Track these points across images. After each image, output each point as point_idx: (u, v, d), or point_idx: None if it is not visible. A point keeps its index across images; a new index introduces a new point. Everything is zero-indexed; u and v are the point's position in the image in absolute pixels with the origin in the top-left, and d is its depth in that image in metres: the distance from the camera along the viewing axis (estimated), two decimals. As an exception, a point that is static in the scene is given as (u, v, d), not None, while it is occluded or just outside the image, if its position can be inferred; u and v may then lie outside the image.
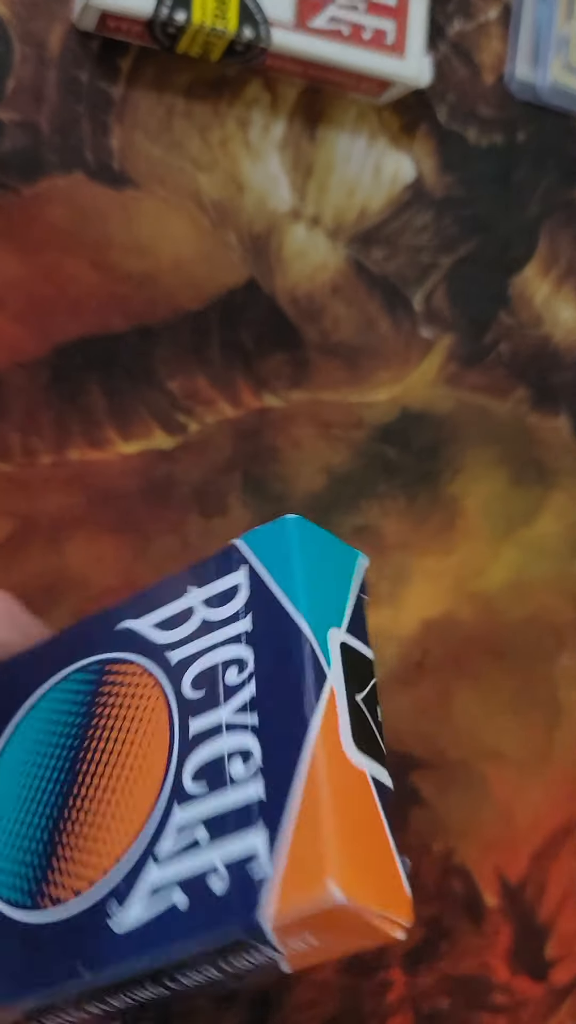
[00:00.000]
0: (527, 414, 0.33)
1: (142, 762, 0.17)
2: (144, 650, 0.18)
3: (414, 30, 0.29)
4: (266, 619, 0.17)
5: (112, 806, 0.17)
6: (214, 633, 0.18)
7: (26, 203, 0.28)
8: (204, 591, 0.18)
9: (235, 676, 0.17)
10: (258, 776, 0.16)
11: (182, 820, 0.16)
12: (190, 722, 0.17)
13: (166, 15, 0.26)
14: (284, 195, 0.30)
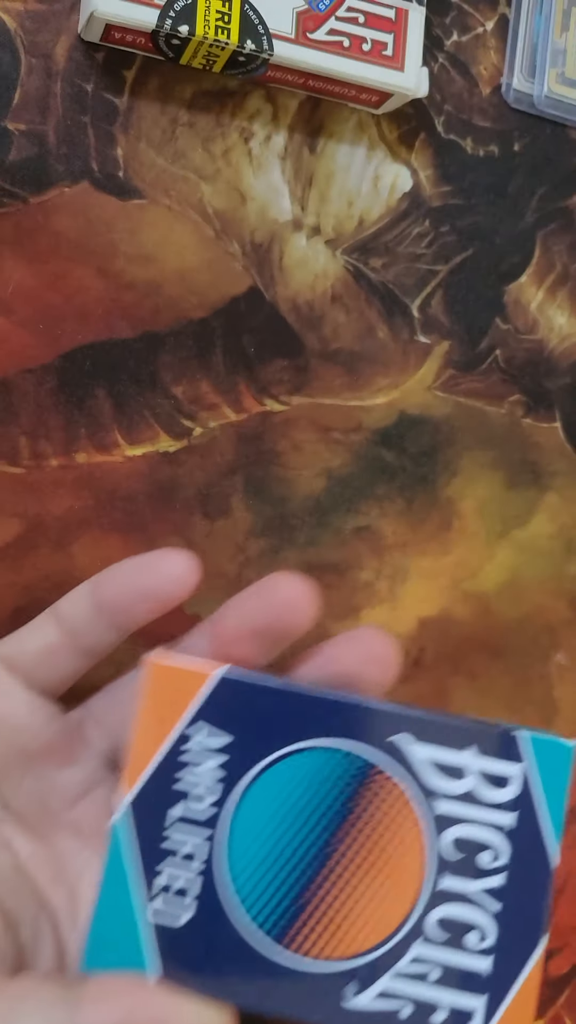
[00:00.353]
0: (522, 418, 0.34)
1: (393, 882, 0.21)
2: (413, 781, 0.21)
3: (412, 42, 0.29)
4: (527, 829, 0.21)
5: (360, 904, 0.21)
6: (482, 810, 0.21)
7: (33, 212, 0.28)
8: (482, 762, 0.21)
9: (489, 861, 0.21)
10: (490, 955, 0.21)
11: (420, 953, 0.21)
12: (441, 878, 0.21)
13: (170, 27, 0.26)
14: (285, 205, 0.31)
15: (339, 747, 0.21)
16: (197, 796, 0.21)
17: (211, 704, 0.21)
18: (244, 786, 0.21)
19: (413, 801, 0.21)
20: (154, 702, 0.21)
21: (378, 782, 0.21)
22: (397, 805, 0.21)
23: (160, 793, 0.21)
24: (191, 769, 0.21)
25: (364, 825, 0.21)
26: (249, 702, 0.21)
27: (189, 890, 0.21)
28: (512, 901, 0.21)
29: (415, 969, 0.21)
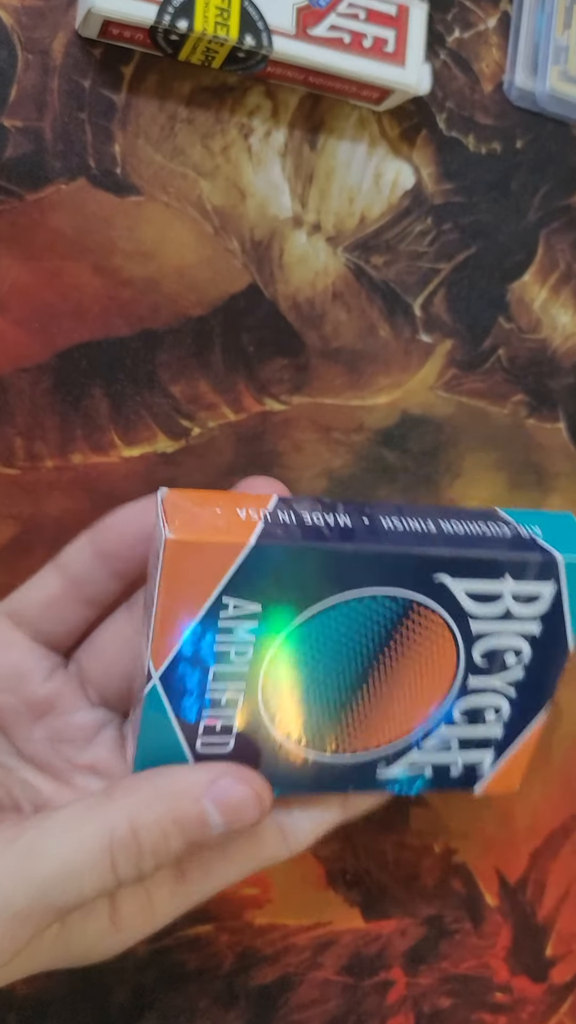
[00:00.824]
0: (525, 418, 0.34)
1: (427, 684, 0.24)
2: (452, 610, 0.23)
3: (414, 38, 0.29)
4: (550, 633, 0.24)
5: (394, 703, 0.24)
6: (513, 623, 0.24)
7: (30, 209, 0.28)
8: (517, 586, 0.23)
9: (513, 660, 0.24)
10: (501, 726, 0.25)
11: (444, 734, 0.25)
12: (470, 678, 0.24)
13: (168, 22, 0.26)
14: (285, 202, 0.30)
15: (377, 593, 0.22)
16: (233, 655, 0.22)
17: (241, 574, 0.21)
18: (281, 640, 0.22)
19: (451, 625, 0.23)
20: (178, 580, 0.20)
21: (419, 612, 0.23)
22: (435, 627, 0.23)
23: (196, 656, 0.21)
24: (226, 635, 0.21)
25: (401, 648, 0.23)
26: (282, 566, 0.21)
27: (232, 728, 0.23)
28: (527, 686, 0.24)
29: (439, 744, 0.25)
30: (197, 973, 0.31)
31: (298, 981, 0.32)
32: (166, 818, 0.21)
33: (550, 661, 0.24)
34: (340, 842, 0.33)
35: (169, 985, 0.31)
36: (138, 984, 0.31)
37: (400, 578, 0.22)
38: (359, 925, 0.33)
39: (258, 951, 0.32)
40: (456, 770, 0.25)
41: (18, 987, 0.29)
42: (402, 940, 0.34)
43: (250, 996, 0.32)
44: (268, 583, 0.21)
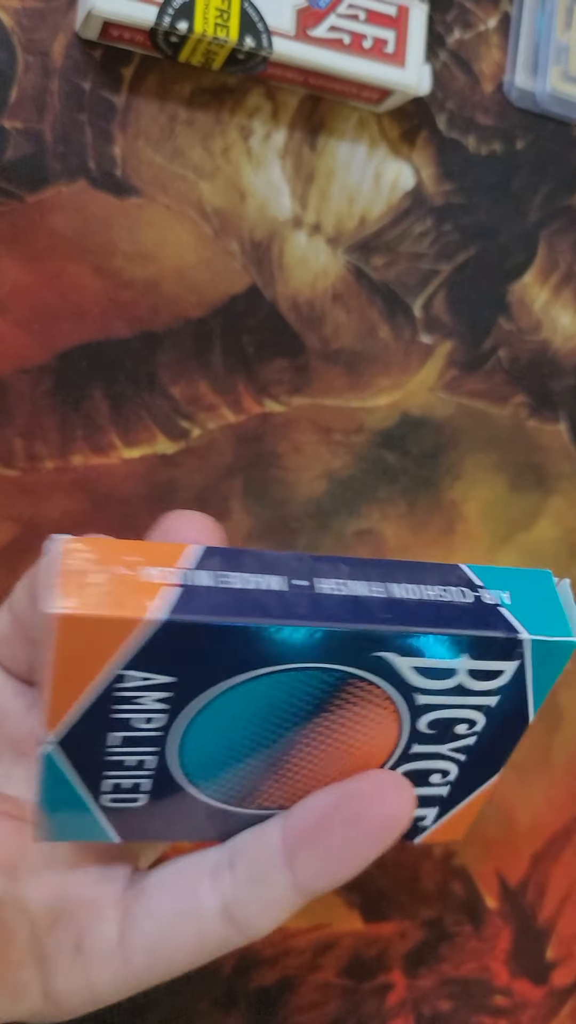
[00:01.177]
0: (526, 420, 0.33)
1: (363, 751, 0.22)
2: (395, 683, 0.20)
3: (414, 39, 0.29)
4: (508, 709, 0.22)
5: (327, 768, 0.22)
6: (466, 698, 0.21)
7: (30, 211, 0.28)
8: (474, 664, 0.20)
9: (465, 729, 0.22)
10: (448, 787, 0.23)
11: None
12: (414, 746, 0.22)
13: (168, 24, 0.26)
14: (285, 203, 0.30)
15: (309, 667, 0.20)
16: (141, 722, 0.19)
17: (146, 649, 0.18)
18: (198, 708, 0.20)
19: (393, 695, 0.21)
20: (70, 657, 0.18)
21: (357, 685, 0.20)
22: (373, 698, 0.21)
23: (95, 723, 0.19)
24: (132, 703, 0.19)
25: (337, 714, 0.21)
26: (195, 641, 0.18)
27: (141, 786, 0.20)
28: (479, 752, 0.22)
29: None
30: (197, 975, 0.31)
31: (298, 983, 0.32)
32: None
33: (507, 731, 0.22)
34: (340, 844, 0.33)
35: (169, 987, 0.31)
36: (138, 986, 0.31)
37: (336, 655, 0.19)
38: (359, 927, 0.33)
39: (258, 953, 0.32)
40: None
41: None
42: (402, 943, 0.33)
43: (250, 998, 0.32)
44: (179, 657, 0.19)
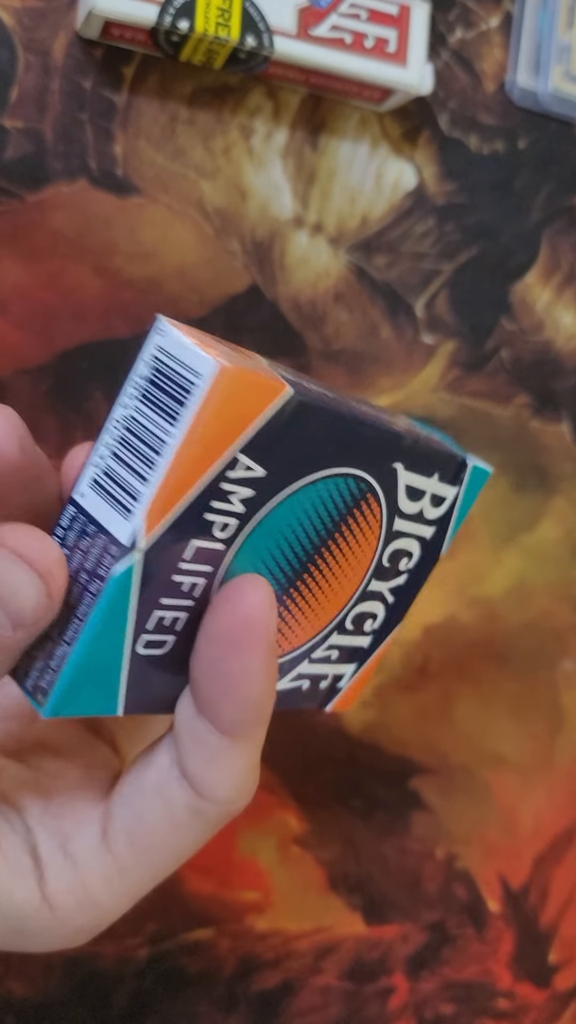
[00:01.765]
0: (528, 420, 0.33)
1: (341, 589, 0.22)
2: (390, 504, 0.22)
3: (416, 38, 0.29)
4: (437, 538, 0.24)
5: (313, 607, 0.22)
6: (420, 526, 0.23)
7: (30, 210, 0.28)
8: (433, 485, 0.23)
9: (404, 565, 0.23)
10: (372, 636, 0.24)
11: (334, 642, 0.23)
12: (372, 581, 0.23)
13: (169, 23, 0.26)
14: (286, 202, 0.30)
15: (350, 474, 0.21)
16: (217, 529, 0.19)
17: (262, 433, 0.18)
18: (259, 520, 0.19)
19: (381, 521, 0.22)
20: (213, 419, 0.17)
21: (368, 503, 0.22)
22: (371, 523, 0.22)
23: (187, 526, 0.18)
24: (222, 500, 0.18)
25: (339, 543, 0.22)
26: (302, 428, 0.19)
27: (178, 622, 0.19)
28: (403, 594, 0.24)
29: (326, 654, 0.23)
30: (197, 978, 0.31)
31: (299, 987, 0.32)
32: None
33: (425, 568, 0.24)
34: (341, 846, 0.32)
35: (169, 990, 0.31)
36: (138, 989, 0.31)
37: (370, 458, 0.21)
38: (361, 930, 0.33)
39: (259, 956, 0.32)
40: (325, 683, 0.24)
41: (17, 989, 0.29)
42: (404, 946, 0.33)
43: (251, 1001, 0.32)
44: (280, 446, 0.18)
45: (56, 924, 0.21)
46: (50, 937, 0.21)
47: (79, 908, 0.21)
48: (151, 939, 0.31)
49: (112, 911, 0.22)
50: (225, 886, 0.31)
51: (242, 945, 0.32)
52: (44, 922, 0.21)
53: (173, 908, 0.31)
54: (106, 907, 0.21)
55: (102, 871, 0.21)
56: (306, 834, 0.32)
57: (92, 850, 0.21)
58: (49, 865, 0.21)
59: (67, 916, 0.21)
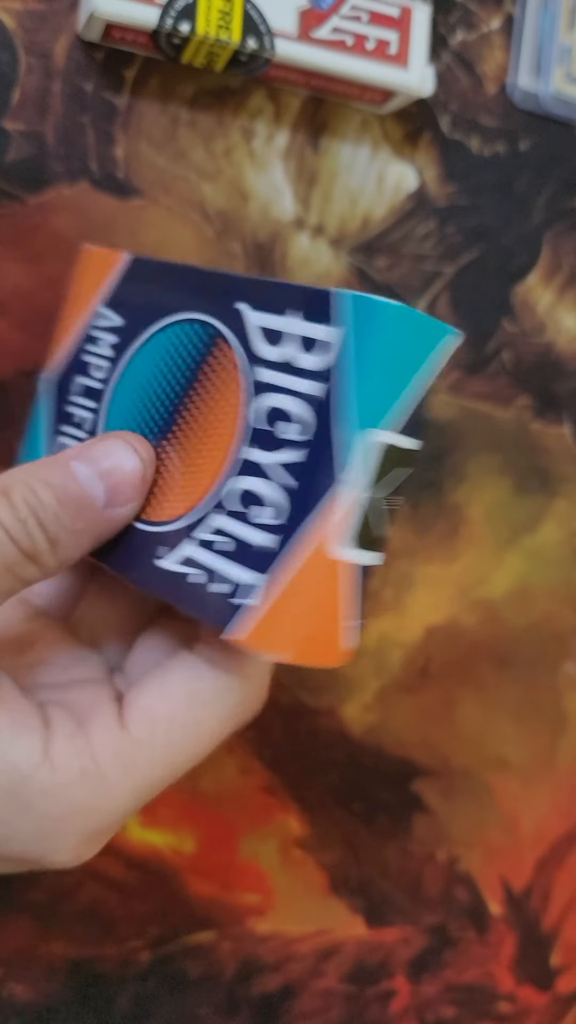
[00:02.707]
0: (530, 422, 0.33)
1: (210, 453, 0.20)
2: (245, 348, 0.20)
3: (417, 40, 0.29)
4: (335, 402, 0.18)
5: (183, 473, 0.21)
6: (292, 379, 0.19)
7: (31, 212, 0.28)
8: (300, 327, 0.19)
9: (291, 434, 0.19)
10: (276, 535, 0.19)
11: (220, 524, 0.20)
12: (244, 448, 0.20)
13: (171, 26, 0.26)
14: (288, 204, 0.30)
15: (195, 319, 0.22)
16: (93, 369, 0.24)
17: (117, 287, 0.23)
18: (125, 362, 0.23)
19: (240, 369, 0.20)
20: (79, 284, 0.24)
21: (221, 349, 0.21)
22: (228, 372, 0.20)
23: (72, 362, 0.24)
24: (93, 344, 0.24)
25: (200, 394, 0.21)
26: (143, 284, 0.23)
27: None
28: (308, 476, 0.19)
29: (213, 538, 0.20)
30: (199, 981, 0.31)
31: (300, 990, 0.32)
32: (33, 477, 0.20)
33: (333, 439, 0.18)
34: (343, 849, 0.32)
35: (171, 993, 0.31)
36: (140, 991, 0.31)
37: (211, 302, 0.21)
38: (362, 933, 0.33)
39: (260, 959, 0.32)
40: (220, 587, 0.20)
41: (19, 992, 0.29)
42: (405, 948, 0.33)
43: (252, 1005, 0.32)
44: (132, 296, 0.23)
45: (55, 793, 0.20)
46: (46, 814, 0.20)
47: (83, 777, 0.20)
48: (153, 942, 0.30)
49: (118, 798, 0.20)
50: (226, 889, 0.31)
51: (243, 948, 0.31)
52: (42, 786, 0.20)
53: (175, 911, 0.31)
54: (112, 784, 0.20)
55: (114, 743, 0.20)
56: (307, 837, 0.32)
57: (107, 727, 0.21)
58: (58, 728, 0.21)
59: (68, 783, 0.20)
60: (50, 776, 0.20)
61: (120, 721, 0.21)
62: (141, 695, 0.21)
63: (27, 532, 0.20)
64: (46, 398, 0.24)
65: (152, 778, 0.21)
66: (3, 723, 0.20)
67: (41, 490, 0.20)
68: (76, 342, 0.24)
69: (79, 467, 0.20)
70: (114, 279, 0.23)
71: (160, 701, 0.21)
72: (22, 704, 0.21)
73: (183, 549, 0.20)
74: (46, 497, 0.20)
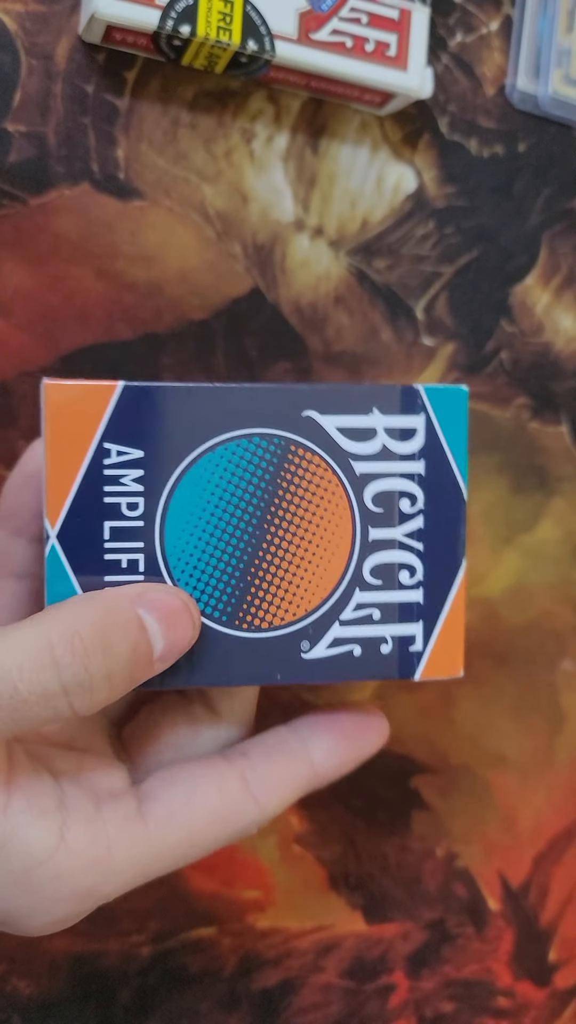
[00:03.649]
0: (528, 422, 0.33)
1: (328, 544, 0.23)
2: (329, 449, 0.23)
3: (416, 42, 0.29)
4: (436, 471, 0.24)
5: (302, 569, 0.23)
6: (394, 463, 0.24)
7: (33, 214, 0.28)
8: (387, 419, 0.23)
9: (408, 507, 0.24)
10: (419, 588, 0.24)
11: (362, 599, 0.24)
12: (369, 530, 0.23)
13: (171, 28, 0.26)
14: (288, 206, 0.30)
15: (253, 434, 0.23)
16: (125, 508, 0.22)
17: (118, 416, 0.22)
18: (168, 492, 0.22)
19: (333, 467, 0.23)
20: (60, 426, 0.22)
21: (298, 455, 0.23)
22: (319, 472, 0.23)
23: (90, 510, 0.22)
24: (114, 484, 0.22)
25: (293, 497, 0.23)
26: (154, 410, 0.22)
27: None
28: (432, 538, 0.24)
29: (359, 614, 0.24)
30: (199, 976, 0.31)
31: (300, 985, 0.32)
32: (104, 619, 0.20)
33: (446, 505, 0.24)
34: (342, 845, 0.33)
35: (172, 988, 0.31)
36: (141, 986, 0.31)
37: (270, 416, 0.23)
38: (361, 929, 0.33)
39: (260, 954, 0.32)
40: (388, 647, 0.24)
41: (22, 988, 0.30)
42: (404, 944, 0.34)
43: (252, 999, 0.32)
44: (145, 425, 0.22)
45: (64, 876, 0.20)
46: (48, 896, 0.20)
47: (93, 865, 0.20)
48: (154, 937, 0.31)
49: (118, 884, 0.21)
50: (227, 885, 0.31)
51: (243, 943, 0.32)
52: (55, 871, 0.20)
53: (176, 907, 0.31)
54: (117, 873, 0.21)
55: (130, 836, 0.21)
56: (307, 833, 0.32)
57: (126, 816, 0.21)
58: (74, 811, 0.21)
59: (79, 869, 0.20)
60: (64, 861, 0.20)
61: (139, 811, 0.22)
62: (164, 791, 0.22)
63: (86, 667, 0.20)
64: (63, 554, 0.22)
65: (153, 871, 0.22)
66: (20, 807, 0.20)
67: (115, 641, 0.20)
68: (86, 487, 0.22)
69: (146, 616, 0.21)
70: (110, 412, 0.22)
71: (183, 806, 0.22)
72: (37, 784, 0.21)
73: (329, 634, 0.23)
74: (119, 646, 0.20)
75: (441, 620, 0.24)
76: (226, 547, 0.23)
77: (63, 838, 0.20)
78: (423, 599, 0.24)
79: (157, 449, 0.22)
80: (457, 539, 0.24)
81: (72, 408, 0.22)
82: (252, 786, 0.23)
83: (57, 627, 0.19)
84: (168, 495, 0.22)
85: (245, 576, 0.23)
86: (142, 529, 0.22)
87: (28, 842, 0.20)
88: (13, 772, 0.20)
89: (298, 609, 0.23)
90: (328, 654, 0.23)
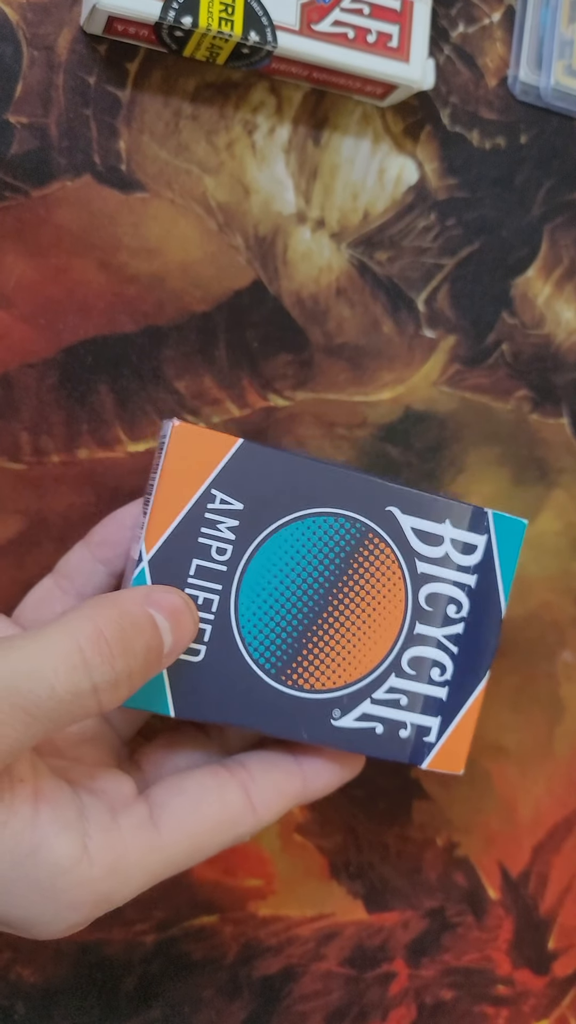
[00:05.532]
0: (529, 414, 0.34)
1: (379, 627, 0.26)
2: (401, 544, 0.26)
3: (418, 34, 0.29)
4: (485, 587, 0.26)
5: (351, 644, 0.25)
6: (452, 572, 0.26)
7: (35, 205, 0.28)
8: (456, 532, 0.26)
9: (454, 612, 0.26)
10: (446, 687, 0.26)
11: (395, 684, 0.26)
12: (416, 624, 0.26)
13: (173, 19, 0.26)
14: (289, 198, 0.30)
15: (340, 514, 0.25)
16: (215, 551, 0.24)
17: (230, 468, 0.24)
18: (255, 546, 0.24)
19: (400, 561, 0.26)
20: (178, 464, 0.24)
21: (374, 542, 0.25)
22: (387, 563, 0.26)
23: (184, 544, 0.24)
24: (211, 528, 0.24)
25: (359, 578, 0.25)
26: (263, 470, 0.24)
27: (205, 633, 0.24)
28: (467, 645, 0.26)
29: (390, 697, 0.26)
30: (202, 964, 0.32)
31: (301, 972, 0.33)
32: (122, 619, 0.21)
33: (486, 619, 0.26)
34: (343, 834, 0.33)
35: (175, 975, 0.31)
36: (145, 974, 0.31)
37: (359, 502, 0.25)
38: (362, 917, 0.33)
39: (262, 942, 0.32)
40: (406, 732, 0.26)
41: (26, 975, 0.30)
42: (404, 932, 0.34)
43: (253, 987, 0.32)
44: (252, 482, 0.24)
45: (86, 884, 0.21)
46: (68, 903, 0.21)
47: (112, 873, 0.22)
48: (158, 926, 0.31)
49: (131, 890, 0.22)
50: (229, 874, 0.32)
51: (245, 931, 0.32)
52: (79, 879, 0.21)
53: (179, 895, 0.31)
54: (131, 879, 0.22)
55: (145, 843, 0.22)
56: (308, 822, 0.32)
57: (140, 824, 0.23)
58: (93, 820, 0.22)
59: (99, 877, 0.21)
60: (87, 870, 0.21)
61: (151, 818, 0.23)
62: (172, 800, 0.23)
63: (112, 666, 0.21)
64: (150, 579, 0.24)
65: (161, 876, 0.23)
66: (48, 818, 0.21)
67: (135, 637, 0.22)
68: (188, 523, 0.24)
69: (156, 615, 0.23)
70: (225, 462, 0.24)
71: (191, 814, 0.23)
72: (60, 794, 0.22)
73: (360, 708, 0.26)
74: (137, 643, 0.22)
75: (457, 719, 0.26)
76: (291, 607, 0.25)
77: (86, 848, 0.21)
78: (447, 697, 0.26)
79: (256, 505, 0.24)
80: (488, 651, 0.27)
81: (192, 450, 0.24)
82: (251, 796, 0.24)
83: (84, 629, 0.20)
84: (255, 549, 0.24)
85: (301, 638, 0.25)
86: (224, 574, 0.24)
87: (55, 852, 0.21)
88: (39, 783, 0.21)
89: (339, 679, 0.25)
90: (354, 726, 0.26)
